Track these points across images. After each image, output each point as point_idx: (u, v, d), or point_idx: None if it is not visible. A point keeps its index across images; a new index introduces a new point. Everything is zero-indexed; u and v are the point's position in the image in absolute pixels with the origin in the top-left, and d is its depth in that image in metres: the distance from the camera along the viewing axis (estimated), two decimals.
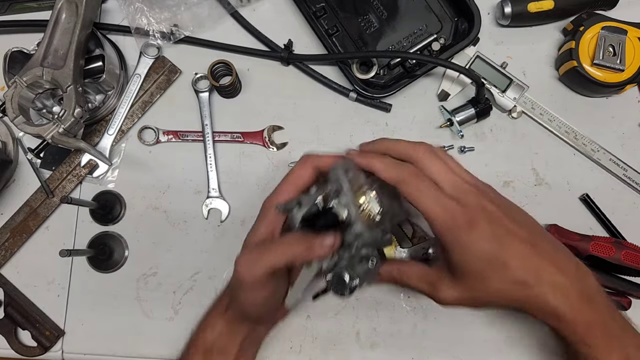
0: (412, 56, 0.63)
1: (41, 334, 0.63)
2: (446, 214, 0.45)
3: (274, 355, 0.64)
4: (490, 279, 0.45)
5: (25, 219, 0.65)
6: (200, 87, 0.67)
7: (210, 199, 0.66)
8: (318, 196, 0.46)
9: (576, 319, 0.45)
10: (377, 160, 0.47)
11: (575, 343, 0.46)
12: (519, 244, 0.45)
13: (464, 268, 0.46)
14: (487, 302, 0.48)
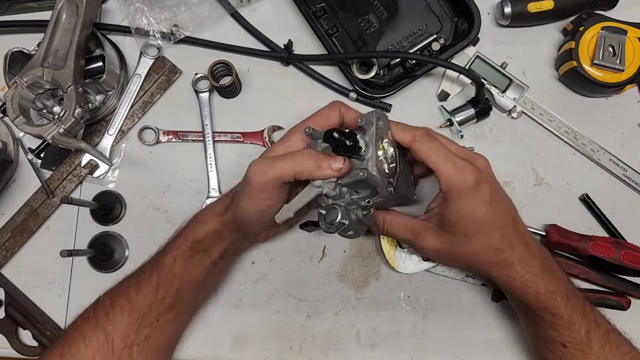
0: (412, 56, 0.63)
1: (42, 334, 0.64)
2: (457, 171, 0.48)
3: (274, 355, 0.64)
4: (474, 238, 0.50)
5: (25, 219, 0.65)
6: (200, 87, 0.67)
7: (210, 199, 0.66)
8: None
9: (539, 286, 0.51)
10: (392, 123, 0.51)
11: (539, 310, 0.52)
12: (506, 215, 0.52)
13: (456, 223, 0.50)
14: (462, 259, 0.53)
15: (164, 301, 0.53)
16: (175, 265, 0.54)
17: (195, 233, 0.55)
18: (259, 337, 0.64)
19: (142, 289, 0.53)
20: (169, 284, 0.53)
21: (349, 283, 0.65)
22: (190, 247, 0.55)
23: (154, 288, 0.53)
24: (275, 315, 0.64)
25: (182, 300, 0.55)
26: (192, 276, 0.55)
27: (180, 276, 0.54)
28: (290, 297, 0.65)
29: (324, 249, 0.66)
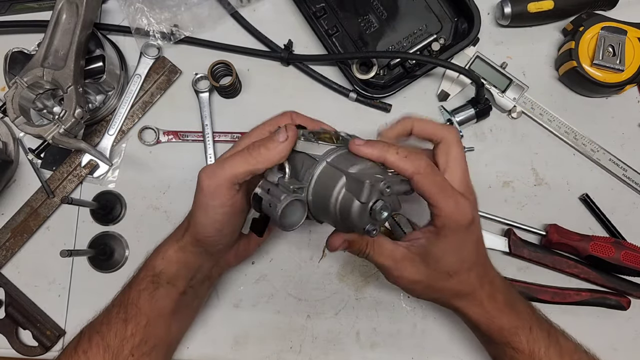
0: (412, 56, 0.63)
1: (42, 334, 0.64)
2: (457, 210, 0.46)
3: (274, 355, 0.64)
4: (455, 276, 0.49)
5: (26, 219, 0.65)
6: (200, 87, 0.67)
7: None
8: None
9: (503, 322, 0.51)
10: (390, 154, 0.45)
11: (502, 345, 0.52)
12: (483, 252, 0.52)
13: (442, 260, 0.48)
14: (436, 293, 0.52)
15: (134, 337, 0.51)
16: (140, 300, 0.52)
17: (155, 266, 0.52)
18: (259, 337, 0.64)
19: (112, 325, 0.51)
20: (137, 319, 0.51)
21: (349, 283, 0.65)
22: (152, 280, 0.52)
23: (122, 324, 0.51)
24: (275, 315, 0.64)
25: (155, 333, 0.53)
26: (160, 309, 0.53)
27: (147, 311, 0.52)
28: (290, 297, 0.65)
29: (324, 249, 0.66)
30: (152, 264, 0.53)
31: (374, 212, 0.42)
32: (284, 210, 0.43)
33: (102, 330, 0.51)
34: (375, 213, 0.42)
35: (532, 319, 0.52)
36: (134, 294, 0.52)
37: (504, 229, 0.66)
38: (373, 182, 0.42)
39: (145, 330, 0.51)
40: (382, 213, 0.42)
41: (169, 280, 0.52)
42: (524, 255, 0.63)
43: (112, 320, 0.51)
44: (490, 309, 0.51)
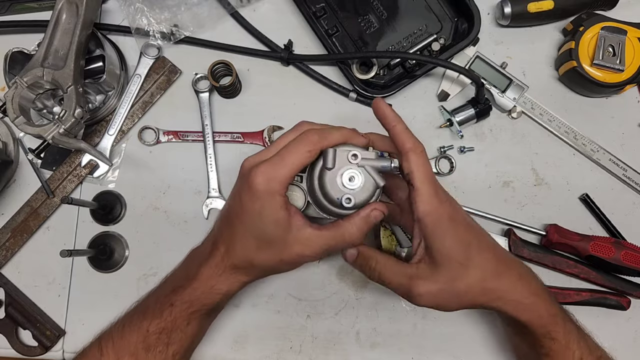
0: (412, 56, 0.63)
1: (42, 334, 0.64)
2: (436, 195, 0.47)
3: (274, 355, 0.64)
4: (471, 265, 0.48)
5: (26, 219, 0.65)
6: (200, 87, 0.67)
7: (210, 199, 0.66)
8: None
9: (541, 309, 0.49)
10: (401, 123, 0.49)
11: (540, 336, 0.50)
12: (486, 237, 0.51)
13: (446, 250, 0.47)
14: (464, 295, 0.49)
15: (175, 356, 0.52)
16: (189, 327, 0.52)
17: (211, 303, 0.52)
18: (259, 337, 0.64)
19: (151, 350, 0.50)
20: (182, 342, 0.52)
21: (349, 283, 0.65)
22: (206, 312, 0.52)
23: (164, 347, 0.51)
24: (275, 315, 0.64)
25: (194, 346, 0.55)
26: (207, 326, 0.55)
27: (194, 333, 0.52)
28: (290, 297, 0.65)
29: None
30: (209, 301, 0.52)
31: (343, 178, 0.47)
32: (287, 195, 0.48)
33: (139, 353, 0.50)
34: (344, 179, 0.47)
35: (563, 310, 0.51)
36: (181, 322, 0.51)
37: (504, 229, 0.66)
38: (336, 149, 0.47)
39: (188, 348, 0.53)
40: (351, 180, 0.47)
41: (223, 305, 0.54)
42: (524, 255, 0.63)
43: (152, 345, 0.50)
44: (528, 294, 0.49)
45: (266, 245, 0.49)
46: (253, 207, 0.47)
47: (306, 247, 0.49)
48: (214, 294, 0.51)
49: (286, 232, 0.48)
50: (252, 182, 0.46)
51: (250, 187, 0.47)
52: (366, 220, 0.49)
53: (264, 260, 0.50)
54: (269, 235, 0.48)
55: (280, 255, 0.50)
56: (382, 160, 0.48)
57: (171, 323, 0.51)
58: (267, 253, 0.49)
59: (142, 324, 0.51)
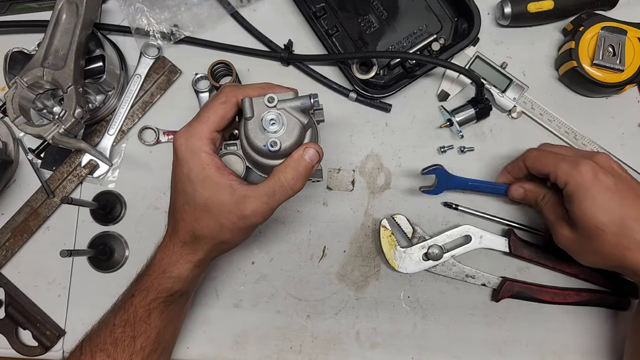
0: (412, 56, 0.63)
1: (42, 334, 0.64)
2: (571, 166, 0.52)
3: (274, 355, 0.64)
4: (607, 229, 0.50)
5: (26, 219, 0.65)
6: (200, 87, 0.67)
7: None
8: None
9: None
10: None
11: None
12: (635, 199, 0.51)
13: (584, 219, 0.51)
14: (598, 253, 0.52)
15: (144, 350, 0.50)
16: (151, 317, 0.50)
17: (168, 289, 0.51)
18: (259, 337, 0.64)
19: (119, 343, 0.50)
20: (147, 334, 0.50)
21: (349, 283, 0.65)
22: (164, 300, 0.51)
23: (130, 340, 0.50)
24: (275, 315, 0.64)
25: (164, 339, 0.53)
26: (171, 319, 0.53)
27: (157, 324, 0.51)
28: (290, 297, 0.65)
29: (324, 249, 0.66)
30: (162, 287, 0.51)
31: (264, 123, 0.46)
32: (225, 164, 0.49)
33: (108, 348, 0.50)
34: (265, 124, 0.46)
35: None
36: (142, 312, 0.50)
37: (504, 229, 0.66)
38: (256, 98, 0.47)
39: (155, 340, 0.51)
40: (272, 123, 0.46)
41: (182, 293, 0.52)
42: (524, 256, 0.63)
43: (119, 338, 0.50)
44: None
45: (203, 210, 0.48)
46: (182, 171, 0.47)
47: (245, 206, 0.47)
48: (166, 279, 0.50)
49: (219, 192, 0.47)
50: (175, 145, 0.47)
51: (175, 151, 0.47)
52: (300, 161, 0.47)
53: (205, 228, 0.48)
54: (202, 198, 0.47)
55: (219, 219, 0.47)
56: (300, 98, 0.47)
57: (133, 314, 0.50)
58: (206, 220, 0.48)
59: (110, 318, 0.51)
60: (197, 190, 0.47)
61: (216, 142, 0.49)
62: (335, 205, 0.66)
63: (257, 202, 0.47)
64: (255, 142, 0.47)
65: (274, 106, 0.46)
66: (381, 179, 0.67)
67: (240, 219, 0.47)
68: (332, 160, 0.67)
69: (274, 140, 0.46)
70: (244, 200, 0.46)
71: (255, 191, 0.47)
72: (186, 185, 0.47)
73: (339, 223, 0.66)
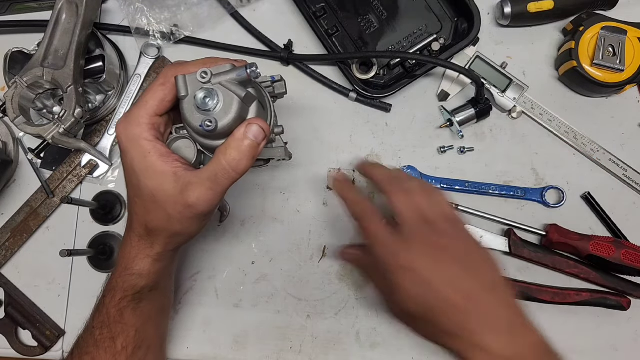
0: (412, 56, 0.63)
1: (42, 334, 0.64)
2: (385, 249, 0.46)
3: (274, 355, 0.64)
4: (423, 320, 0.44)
5: (25, 219, 0.65)
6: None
7: None
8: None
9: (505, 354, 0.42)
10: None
11: None
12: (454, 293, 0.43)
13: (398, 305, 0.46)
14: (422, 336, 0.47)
15: (126, 349, 0.49)
16: (124, 316, 0.49)
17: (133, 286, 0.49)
18: (259, 337, 0.64)
19: (100, 345, 0.49)
20: (125, 333, 0.49)
21: (349, 283, 0.65)
22: (132, 298, 0.49)
23: (110, 342, 0.48)
24: (275, 315, 0.64)
25: (146, 336, 0.51)
26: (147, 315, 0.51)
27: (133, 322, 0.49)
28: (290, 297, 0.65)
29: (324, 249, 0.66)
30: (127, 285, 0.49)
31: (197, 101, 0.41)
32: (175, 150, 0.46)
33: (91, 351, 0.49)
34: (198, 102, 0.41)
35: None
36: (115, 312, 0.49)
37: (504, 229, 0.66)
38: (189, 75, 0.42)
39: (136, 338, 0.50)
40: (205, 100, 0.41)
41: (151, 289, 0.50)
42: (524, 256, 0.63)
43: (99, 340, 0.49)
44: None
45: (150, 202, 0.44)
46: (126, 163, 0.44)
47: (188, 194, 0.43)
48: (128, 276, 0.48)
49: (163, 182, 0.43)
50: (117, 135, 0.44)
51: (118, 142, 0.44)
52: (243, 139, 0.42)
53: (155, 221, 0.45)
54: (147, 190, 0.44)
55: (166, 210, 0.44)
56: (236, 69, 0.42)
57: (106, 315, 0.49)
58: (154, 212, 0.45)
59: (89, 321, 0.50)
60: (142, 181, 0.43)
61: (160, 127, 0.45)
62: (335, 205, 0.66)
63: (201, 188, 0.43)
64: (192, 122, 0.42)
65: (208, 81, 0.41)
66: None
67: (185, 208, 0.43)
68: (332, 160, 0.67)
69: (209, 119, 0.41)
70: (187, 187, 0.43)
71: (198, 176, 0.43)
72: (132, 176, 0.44)
73: (339, 223, 0.66)
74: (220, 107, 0.42)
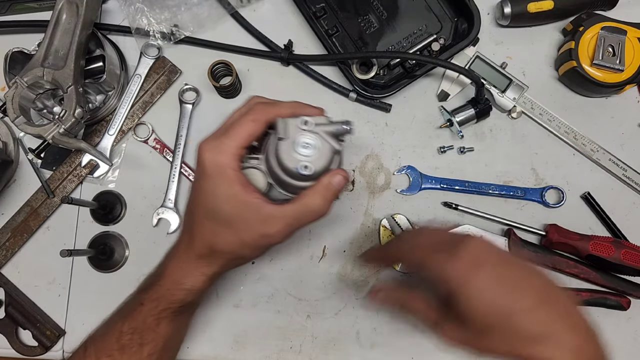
0: (412, 56, 0.63)
1: (42, 334, 0.64)
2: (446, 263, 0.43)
3: (274, 355, 0.64)
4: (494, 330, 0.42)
5: (26, 219, 0.65)
6: (186, 98, 0.67)
7: (163, 208, 0.65)
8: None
9: None
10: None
11: None
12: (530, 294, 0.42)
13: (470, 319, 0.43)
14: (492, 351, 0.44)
15: (151, 356, 0.50)
16: (160, 326, 0.50)
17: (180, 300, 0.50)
18: (259, 337, 0.64)
19: (126, 350, 0.49)
20: (155, 342, 0.50)
21: (349, 283, 0.65)
22: (174, 310, 0.50)
23: (138, 348, 0.49)
24: (275, 315, 0.65)
25: (172, 346, 0.53)
26: (179, 327, 0.53)
27: (166, 333, 0.50)
28: (290, 297, 0.65)
29: (324, 249, 0.66)
30: (174, 298, 0.50)
31: (297, 146, 0.45)
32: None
33: (114, 354, 0.49)
34: (298, 146, 0.45)
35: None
36: (151, 320, 0.50)
37: (504, 229, 0.66)
38: (287, 119, 0.46)
39: (162, 347, 0.51)
40: (306, 147, 0.46)
41: (193, 304, 0.52)
42: (524, 255, 0.63)
43: (126, 345, 0.49)
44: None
45: (225, 226, 0.47)
46: (206, 185, 0.46)
47: (269, 225, 0.46)
48: (178, 290, 0.50)
49: (244, 209, 0.46)
50: (201, 159, 0.46)
51: (200, 164, 0.46)
52: (329, 187, 0.47)
53: (225, 244, 0.47)
54: (225, 215, 0.46)
55: (241, 236, 0.47)
56: (335, 123, 0.47)
57: (142, 323, 0.49)
58: (226, 235, 0.47)
59: (117, 324, 0.50)
60: (220, 206, 0.46)
61: (241, 157, 0.48)
62: (335, 205, 0.66)
63: (282, 223, 0.46)
64: (287, 163, 0.46)
65: (310, 130, 0.46)
66: (381, 179, 0.67)
67: (263, 237, 0.47)
68: None
69: (306, 164, 0.45)
70: (269, 219, 0.46)
71: (282, 212, 0.46)
72: (209, 200, 0.47)
73: (339, 223, 0.66)
74: (317, 154, 0.46)
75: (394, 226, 0.64)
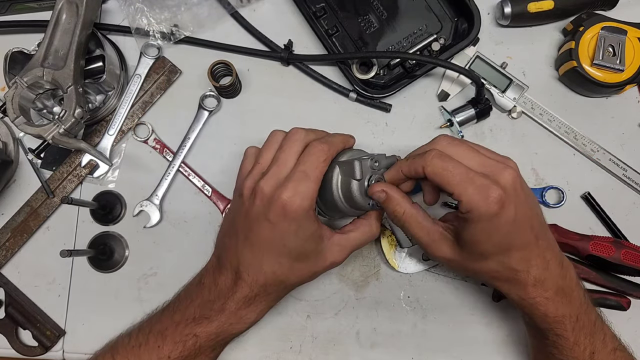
0: (412, 56, 0.63)
1: (42, 334, 0.64)
2: (479, 194, 0.44)
3: (274, 355, 0.64)
4: (491, 259, 0.48)
5: (26, 219, 0.65)
6: (207, 105, 0.67)
7: (148, 202, 0.65)
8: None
9: (549, 309, 0.49)
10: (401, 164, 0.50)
11: (545, 330, 0.50)
12: (529, 234, 0.47)
13: (474, 244, 0.47)
14: (473, 273, 0.52)
15: None
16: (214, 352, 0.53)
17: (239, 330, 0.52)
18: (259, 337, 0.64)
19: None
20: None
21: (349, 283, 0.65)
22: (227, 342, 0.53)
23: None
24: (275, 315, 0.64)
25: None
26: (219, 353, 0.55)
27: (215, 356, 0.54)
28: (290, 297, 0.65)
29: None
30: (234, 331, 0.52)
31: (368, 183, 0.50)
32: None
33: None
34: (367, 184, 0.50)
35: (582, 307, 0.50)
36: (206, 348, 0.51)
37: None
38: (361, 160, 0.50)
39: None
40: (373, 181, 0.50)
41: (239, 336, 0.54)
42: None
43: None
44: (535, 296, 0.48)
45: (302, 260, 0.50)
46: (289, 228, 0.47)
47: (338, 254, 0.52)
48: (242, 324, 0.52)
49: (319, 243, 0.50)
50: (286, 204, 0.46)
51: (284, 208, 0.46)
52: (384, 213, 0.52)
53: (297, 277, 0.51)
54: (305, 252, 0.49)
55: (315, 267, 0.51)
56: (391, 158, 0.52)
57: (195, 351, 0.51)
58: (301, 269, 0.50)
59: (162, 349, 0.50)
60: (304, 244, 0.49)
61: None
62: None
63: (348, 249, 0.52)
64: (361, 202, 0.50)
65: (379, 170, 0.51)
66: None
67: (331, 265, 0.52)
68: None
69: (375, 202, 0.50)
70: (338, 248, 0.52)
71: (347, 240, 0.52)
72: (290, 240, 0.48)
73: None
74: None
75: (394, 226, 0.64)
